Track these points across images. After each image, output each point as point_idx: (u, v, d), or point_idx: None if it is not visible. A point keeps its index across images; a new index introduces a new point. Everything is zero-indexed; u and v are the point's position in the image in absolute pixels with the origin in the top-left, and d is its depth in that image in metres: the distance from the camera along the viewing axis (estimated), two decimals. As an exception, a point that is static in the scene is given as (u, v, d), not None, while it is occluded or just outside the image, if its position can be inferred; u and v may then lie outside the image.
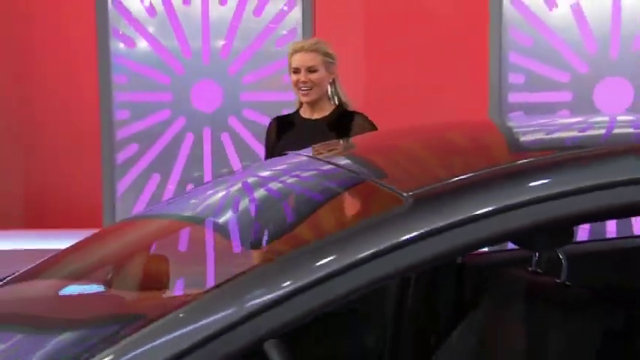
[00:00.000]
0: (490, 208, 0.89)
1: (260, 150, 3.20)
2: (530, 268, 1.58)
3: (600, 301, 1.42)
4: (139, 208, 3.42)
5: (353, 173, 1.32)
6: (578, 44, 3.28)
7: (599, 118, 1.90)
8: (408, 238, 0.87)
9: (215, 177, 3.35)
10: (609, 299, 1.46)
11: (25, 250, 3.79)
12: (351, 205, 1.23)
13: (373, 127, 2.56)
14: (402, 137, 1.64)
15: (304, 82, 2.54)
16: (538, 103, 3.31)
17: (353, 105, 2.65)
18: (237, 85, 3.45)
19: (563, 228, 1.11)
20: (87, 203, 3.58)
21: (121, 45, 3.38)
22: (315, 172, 1.47)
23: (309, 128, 2.61)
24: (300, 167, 1.52)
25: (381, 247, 0.86)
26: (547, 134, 1.49)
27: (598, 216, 1.10)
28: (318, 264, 0.88)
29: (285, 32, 3.39)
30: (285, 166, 1.65)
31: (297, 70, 2.55)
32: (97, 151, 3.41)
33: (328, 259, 0.88)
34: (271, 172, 1.67)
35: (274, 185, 1.58)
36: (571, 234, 1.13)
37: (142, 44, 3.38)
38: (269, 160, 2.52)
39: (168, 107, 3.42)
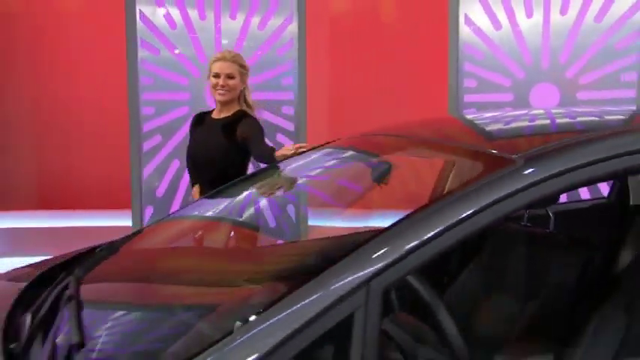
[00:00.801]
0: (581, 162, 1.15)
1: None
2: (522, 223, 1.97)
3: (577, 244, 1.77)
4: (161, 190, 3.96)
5: (470, 146, 1.56)
6: (517, 56, 3.85)
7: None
8: (521, 187, 1.13)
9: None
10: (584, 243, 1.77)
11: (69, 227, 4.28)
12: (474, 169, 1.37)
13: (257, 123, 2.88)
14: (482, 122, 1.95)
15: (222, 86, 2.85)
16: (487, 103, 3.91)
17: (254, 112, 2.96)
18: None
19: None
20: (117, 186, 4.11)
21: (147, 53, 3.85)
22: (438, 147, 1.74)
23: (209, 125, 2.94)
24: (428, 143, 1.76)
25: (501, 194, 1.11)
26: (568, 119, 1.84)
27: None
28: (458, 211, 1.11)
29: (284, 43, 3.99)
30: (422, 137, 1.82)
31: (217, 75, 2.85)
32: (125, 142, 3.90)
33: (465, 205, 1.12)
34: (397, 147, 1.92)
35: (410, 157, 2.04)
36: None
37: (165, 52, 3.91)
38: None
39: (186, 105, 3.90)
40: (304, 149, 2.28)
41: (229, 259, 2.05)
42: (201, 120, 3.02)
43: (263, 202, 2.26)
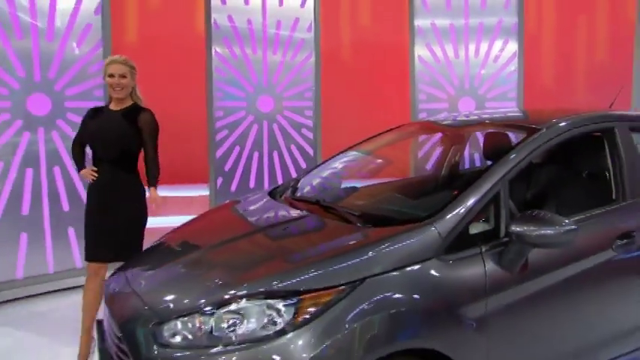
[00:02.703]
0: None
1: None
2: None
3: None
4: (228, 165, 5.75)
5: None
6: (450, 79, 5.91)
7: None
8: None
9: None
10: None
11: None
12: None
13: (154, 120, 3.34)
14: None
15: (117, 84, 3.24)
16: (432, 109, 5.93)
17: (144, 104, 3.39)
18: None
19: None
20: (199, 166, 5.91)
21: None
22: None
23: (110, 116, 3.30)
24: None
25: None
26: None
27: None
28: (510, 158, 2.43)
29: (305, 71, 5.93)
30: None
31: (112, 75, 3.23)
32: (204, 134, 5.60)
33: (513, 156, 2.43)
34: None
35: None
36: None
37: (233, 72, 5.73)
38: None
39: (243, 110, 5.65)
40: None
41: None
42: (96, 113, 3.38)
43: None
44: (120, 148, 3.28)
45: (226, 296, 2.00)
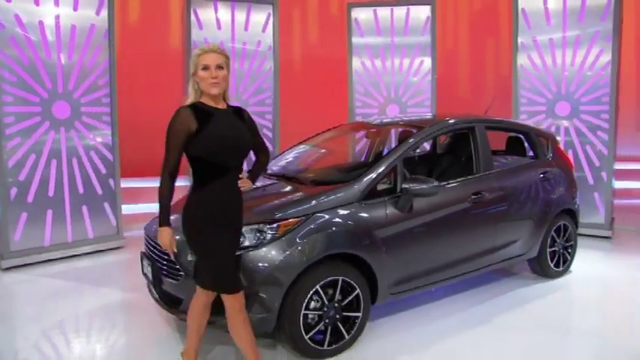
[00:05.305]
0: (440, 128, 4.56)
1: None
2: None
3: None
4: None
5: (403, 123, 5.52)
6: (379, 89, 7.61)
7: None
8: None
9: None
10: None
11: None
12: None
13: (251, 116, 3.03)
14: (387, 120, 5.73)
15: (215, 77, 2.71)
16: (365, 113, 7.45)
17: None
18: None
19: None
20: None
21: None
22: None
23: (227, 117, 2.80)
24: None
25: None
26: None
27: None
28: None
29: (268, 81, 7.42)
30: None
31: (207, 67, 2.70)
32: None
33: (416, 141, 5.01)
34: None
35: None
36: None
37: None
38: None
39: None
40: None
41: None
42: (207, 112, 2.75)
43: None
44: (248, 151, 2.95)
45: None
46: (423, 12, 7.47)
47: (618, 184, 8.00)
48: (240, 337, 2.95)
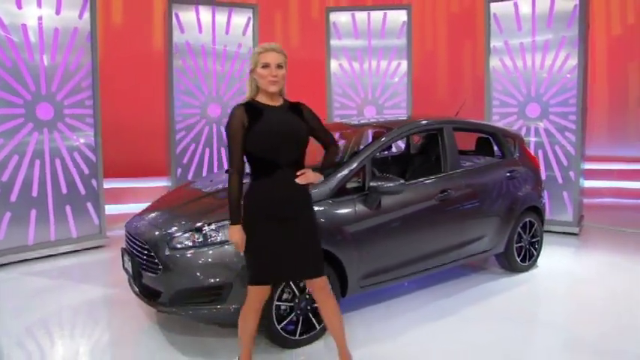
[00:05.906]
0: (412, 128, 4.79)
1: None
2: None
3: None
4: (185, 159, 7.33)
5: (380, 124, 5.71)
6: (357, 90, 7.86)
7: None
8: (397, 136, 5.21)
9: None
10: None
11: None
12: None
13: (312, 111, 3.06)
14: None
15: (275, 75, 2.78)
16: (344, 114, 7.69)
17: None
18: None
19: None
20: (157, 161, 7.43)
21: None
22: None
23: (276, 111, 2.85)
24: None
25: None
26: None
27: None
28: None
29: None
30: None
31: (267, 65, 2.76)
32: (165, 136, 7.24)
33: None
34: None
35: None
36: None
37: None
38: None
39: (197, 115, 7.42)
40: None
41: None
42: (259, 109, 2.83)
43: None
44: (304, 147, 2.94)
45: (199, 224, 3.64)
46: (399, 16, 7.69)
47: (590, 184, 8.31)
48: (333, 324, 3.07)
